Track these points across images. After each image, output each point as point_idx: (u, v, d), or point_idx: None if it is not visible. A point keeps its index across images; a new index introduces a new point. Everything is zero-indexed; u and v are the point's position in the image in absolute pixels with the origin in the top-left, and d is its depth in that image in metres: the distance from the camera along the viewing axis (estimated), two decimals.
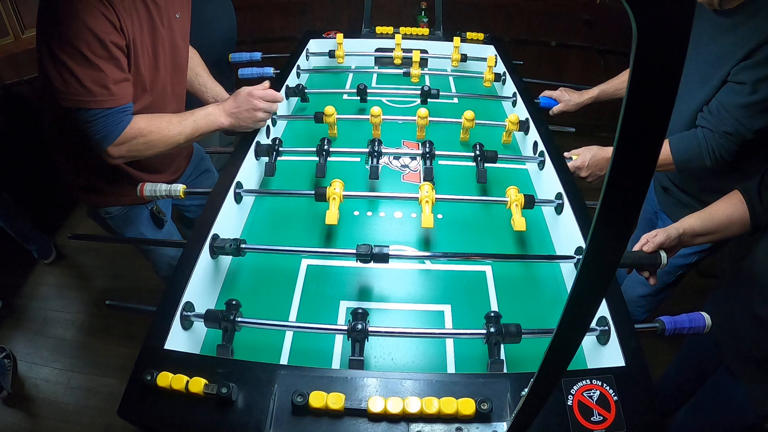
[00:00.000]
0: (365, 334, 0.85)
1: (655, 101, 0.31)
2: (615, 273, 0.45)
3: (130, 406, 0.76)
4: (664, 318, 0.91)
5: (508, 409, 0.73)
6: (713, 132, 1.14)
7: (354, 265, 1.06)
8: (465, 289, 1.07)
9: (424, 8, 2.58)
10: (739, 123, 1.11)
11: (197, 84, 1.51)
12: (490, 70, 1.78)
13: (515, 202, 1.14)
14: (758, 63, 1.06)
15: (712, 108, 1.16)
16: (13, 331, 2.14)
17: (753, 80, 1.08)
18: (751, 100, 1.08)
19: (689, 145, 1.19)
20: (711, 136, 1.15)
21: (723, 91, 1.15)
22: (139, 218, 1.43)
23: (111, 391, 1.89)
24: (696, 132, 1.18)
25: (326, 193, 1.14)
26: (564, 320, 0.44)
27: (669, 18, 0.28)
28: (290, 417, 0.73)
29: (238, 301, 0.89)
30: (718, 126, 1.13)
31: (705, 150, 1.17)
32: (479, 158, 1.30)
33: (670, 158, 1.23)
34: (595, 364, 0.90)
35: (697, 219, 1.04)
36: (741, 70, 1.10)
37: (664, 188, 1.48)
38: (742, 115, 1.10)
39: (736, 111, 1.11)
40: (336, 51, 1.84)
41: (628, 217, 0.37)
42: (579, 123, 1.69)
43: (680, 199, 1.43)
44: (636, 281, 1.62)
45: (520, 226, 1.11)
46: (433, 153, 1.30)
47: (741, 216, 1.00)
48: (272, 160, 1.31)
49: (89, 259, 2.49)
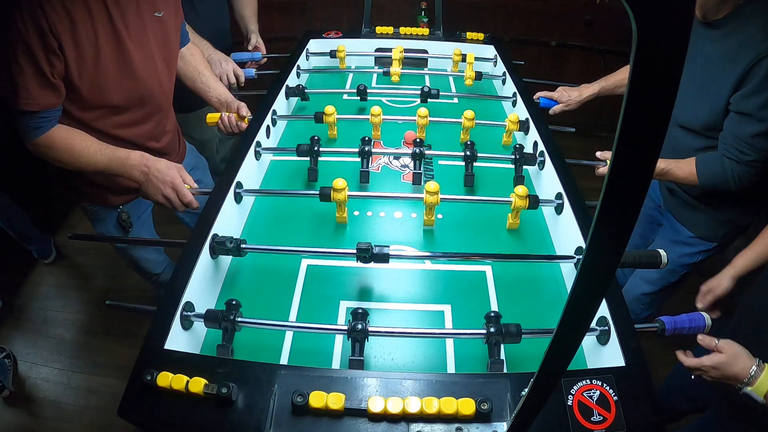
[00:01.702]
0: (365, 334, 0.85)
1: (655, 101, 0.31)
2: (615, 273, 0.45)
3: (130, 406, 0.76)
4: (664, 318, 0.91)
5: (508, 409, 0.73)
6: (738, 162, 1.19)
7: (354, 265, 1.06)
8: (465, 289, 1.07)
9: (424, 8, 2.58)
10: (758, 150, 1.16)
11: (200, 83, 1.50)
12: (471, 67, 1.76)
13: (518, 208, 1.15)
14: (754, 91, 1.12)
15: (729, 140, 1.20)
16: (13, 331, 2.14)
17: (755, 110, 1.13)
18: (761, 128, 1.14)
19: (715, 171, 1.23)
20: (737, 167, 1.20)
21: (733, 122, 1.19)
22: (106, 220, 1.45)
23: (111, 391, 1.89)
24: (722, 160, 1.22)
25: (331, 193, 1.13)
26: (564, 320, 0.44)
27: (669, 18, 0.28)
28: (290, 417, 0.73)
29: (238, 301, 0.89)
30: (741, 157, 1.18)
31: (731, 178, 1.21)
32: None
33: (695, 176, 1.27)
34: (595, 364, 0.90)
35: (747, 260, 1.09)
36: (740, 101, 1.15)
37: (669, 189, 1.49)
38: (760, 143, 1.16)
39: (753, 141, 1.16)
40: (337, 53, 1.84)
41: (628, 217, 0.37)
42: (579, 123, 1.69)
43: (685, 200, 1.44)
44: (640, 279, 1.62)
45: (512, 226, 1.16)
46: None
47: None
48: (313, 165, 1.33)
49: (89, 259, 2.49)
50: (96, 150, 1.18)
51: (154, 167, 1.20)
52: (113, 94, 1.20)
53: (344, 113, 1.50)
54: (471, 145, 1.31)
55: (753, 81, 1.11)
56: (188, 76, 1.49)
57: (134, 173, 1.20)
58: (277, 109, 1.52)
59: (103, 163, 1.18)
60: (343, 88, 1.78)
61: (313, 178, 1.33)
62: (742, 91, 1.14)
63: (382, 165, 1.44)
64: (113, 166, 1.19)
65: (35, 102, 1.08)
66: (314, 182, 1.33)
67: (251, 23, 1.93)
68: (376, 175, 1.40)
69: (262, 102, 1.53)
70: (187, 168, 1.58)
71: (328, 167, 1.38)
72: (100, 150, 1.18)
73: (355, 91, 1.63)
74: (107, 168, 1.20)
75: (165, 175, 1.19)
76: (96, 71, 1.14)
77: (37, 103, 1.08)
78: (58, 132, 1.14)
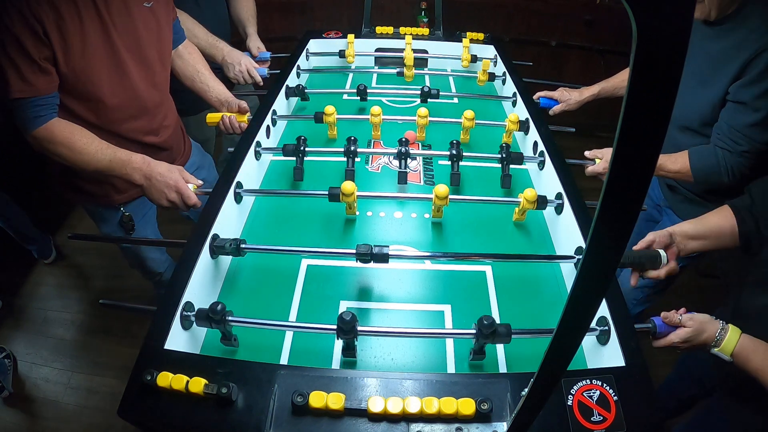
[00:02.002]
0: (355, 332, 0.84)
1: (655, 101, 0.31)
2: (615, 273, 0.45)
3: (130, 406, 0.76)
4: (655, 318, 0.91)
5: (508, 409, 0.73)
6: (732, 153, 1.19)
7: (354, 265, 1.06)
8: (465, 289, 1.07)
9: (424, 8, 2.58)
10: (752, 140, 1.16)
11: (199, 82, 1.49)
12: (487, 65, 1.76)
13: (524, 209, 1.16)
14: (752, 81, 1.12)
15: (724, 129, 1.20)
16: (13, 331, 2.14)
17: (751, 99, 1.13)
18: (757, 118, 1.14)
19: (708, 162, 1.23)
20: (730, 157, 1.19)
21: (728, 112, 1.19)
22: (108, 220, 1.45)
23: (111, 391, 1.89)
24: (716, 151, 1.21)
25: (339, 194, 1.13)
26: (564, 320, 0.44)
27: (669, 18, 0.28)
28: (290, 417, 0.73)
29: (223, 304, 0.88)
30: (735, 147, 1.18)
31: (724, 169, 1.21)
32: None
33: (687, 168, 1.26)
34: (595, 364, 0.90)
35: (689, 223, 1.07)
36: (738, 90, 1.15)
37: (669, 186, 1.49)
38: (754, 133, 1.15)
39: (747, 130, 1.16)
40: (346, 51, 1.84)
41: (628, 217, 0.37)
42: (579, 123, 1.69)
43: (686, 195, 1.44)
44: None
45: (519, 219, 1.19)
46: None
47: (731, 227, 1.04)
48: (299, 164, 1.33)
49: (89, 259, 2.49)
50: (97, 148, 1.17)
51: (156, 171, 1.20)
52: (103, 84, 1.19)
53: (344, 113, 1.50)
54: (456, 144, 1.31)
55: (752, 72, 1.12)
56: (187, 76, 1.49)
57: (135, 176, 1.20)
58: (277, 109, 1.52)
59: (104, 163, 1.18)
60: (343, 88, 1.78)
61: (298, 178, 1.32)
62: (740, 81, 1.15)
63: (382, 165, 1.44)
64: (114, 167, 1.19)
65: (27, 88, 1.08)
66: (300, 182, 1.33)
67: (249, 26, 1.91)
68: (376, 175, 1.40)
69: (262, 102, 1.53)
70: (193, 167, 1.59)
71: (328, 166, 1.38)
72: (101, 149, 1.18)
73: (355, 91, 1.63)
74: (108, 168, 1.19)
75: (168, 179, 1.19)
76: (83, 59, 1.13)
77: (29, 89, 1.08)
78: (58, 125, 1.14)
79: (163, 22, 1.31)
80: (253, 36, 1.89)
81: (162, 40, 1.33)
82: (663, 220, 1.58)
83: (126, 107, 1.28)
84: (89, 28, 1.13)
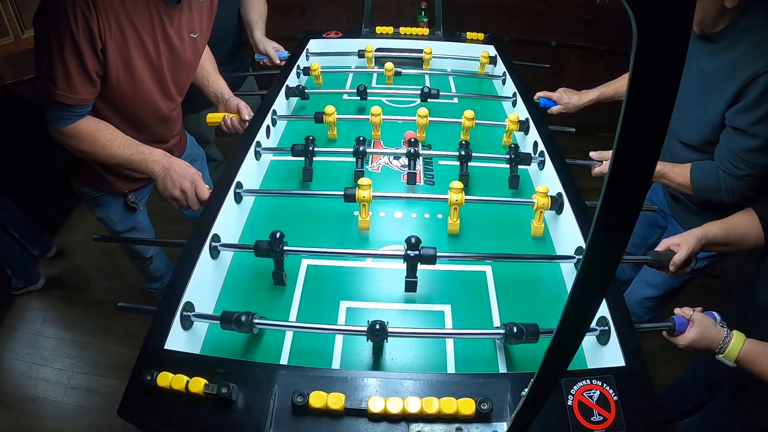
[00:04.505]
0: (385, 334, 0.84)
1: (656, 101, 0.31)
2: (615, 273, 0.45)
3: (130, 406, 0.76)
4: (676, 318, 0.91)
5: (508, 409, 0.73)
6: (732, 177, 1.19)
7: (354, 265, 1.06)
8: (465, 289, 1.07)
9: (424, 8, 2.58)
10: (753, 165, 1.16)
11: (200, 76, 1.52)
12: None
13: (540, 208, 1.15)
14: (747, 108, 1.12)
15: (724, 153, 1.20)
16: (13, 331, 2.14)
17: (749, 126, 1.13)
18: (755, 144, 1.14)
19: (709, 181, 1.23)
20: (730, 181, 1.20)
21: (728, 137, 1.19)
22: (107, 205, 1.48)
23: (111, 391, 1.89)
24: (717, 171, 1.22)
25: (356, 194, 1.12)
26: (564, 320, 0.44)
27: (669, 18, 0.28)
28: (290, 417, 0.73)
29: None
30: (735, 171, 1.18)
31: (725, 190, 1.21)
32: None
33: (689, 181, 1.27)
34: (595, 364, 0.90)
35: (720, 228, 1.08)
36: (735, 116, 1.16)
37: (673, 196, 1.49)
38: (753, 158, 1.16)
39: (747, 155, 1.16)
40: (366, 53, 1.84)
41: (628, 217, 0.37)
42: (579, 123, 1.69)
43: (689, 207, 1.44)
44: (643, 283, 1.61)
45: (537, 232, 1.15)
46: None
47: (757, 231, 1.05)
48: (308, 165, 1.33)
49: (89, 259, 2.49)
50: (120, 144, 1.20)
51: (176, 163, 1.26)
52: (140, 103, 1.26)
53: (344, 113, 1.50)
54: (466, 145, 1.31)
55: (747, 97, 1.12)
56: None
57: (155, 168, 1.24)
58: (277, 109, 1.52)
59: (124, 156, 1.21)
60: (343, 88, 1.78)
61: (307, 178, 1.33)
62: (736, 107, 1.15)
63: (382, 165, 1.43)
64: (134, 160, 1.23)
65: (73, 96, 1.09)
66: (309, 182, 1.33)
67: (257, 29, 1.91)
68: (376, 175, 1.40)
69: (262, 102, 1.53)
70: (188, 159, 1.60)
71: (327, 166, 1.38)
72: (124, 144, 1.21)
73: (355, 91, 1.63)
74: (128, 162, 1.23)
75: (186, 171, 1.25)
76: (132, 81, 1.19)
77: (74, 97, 1.10)
78: (84, 123, 1.16)
79: (201, 52, 1.38)
80: (262, 39, 1.90)
81: (195, 68, 1.41)
82: (668, 230, 1.58)
83: (152, 122, 1.34)
84: (145, 55, 1.18)
